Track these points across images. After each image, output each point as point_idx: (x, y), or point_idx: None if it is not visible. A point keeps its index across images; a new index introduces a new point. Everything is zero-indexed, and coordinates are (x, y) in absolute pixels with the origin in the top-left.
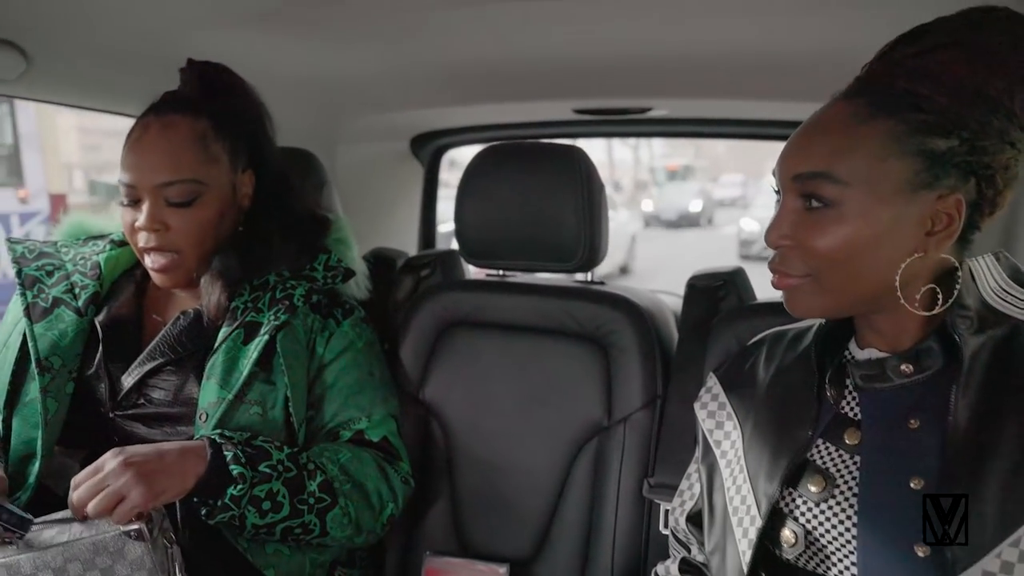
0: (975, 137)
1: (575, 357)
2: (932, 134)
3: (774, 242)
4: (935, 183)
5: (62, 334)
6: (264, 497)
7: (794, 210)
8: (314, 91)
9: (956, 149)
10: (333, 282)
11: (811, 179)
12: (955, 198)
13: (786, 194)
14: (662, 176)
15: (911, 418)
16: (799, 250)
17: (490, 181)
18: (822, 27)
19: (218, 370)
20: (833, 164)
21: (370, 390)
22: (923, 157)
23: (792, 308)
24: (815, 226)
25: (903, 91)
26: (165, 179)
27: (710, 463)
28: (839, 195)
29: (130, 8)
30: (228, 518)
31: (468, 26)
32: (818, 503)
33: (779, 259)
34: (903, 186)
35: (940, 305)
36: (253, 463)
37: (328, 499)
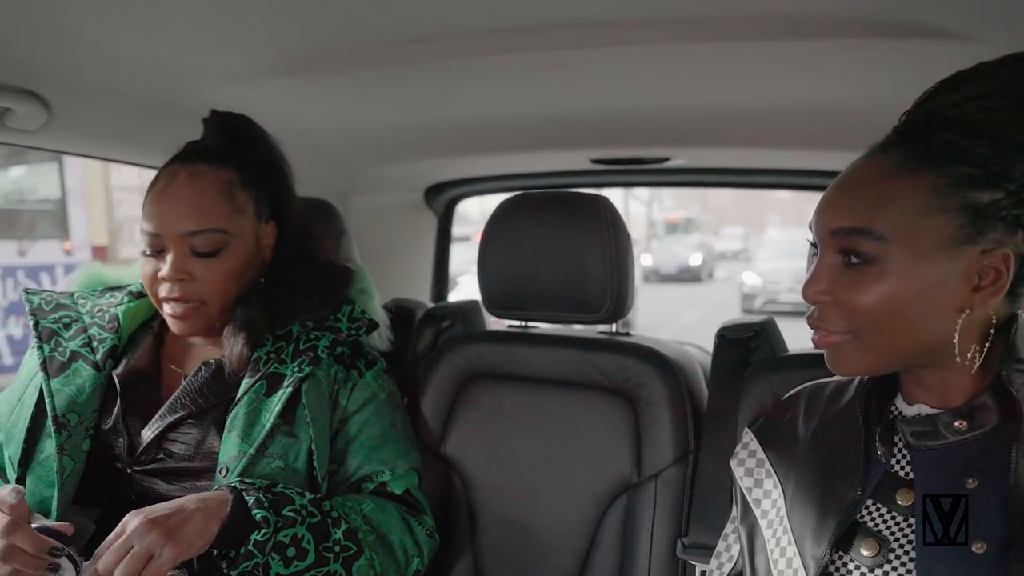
0: (1021, 189)
1: (602, 411)
2: (975, 187)
3: (812, 298)
4: (979, 237)
5: (79, 390)
6: (289, 543)
7: (832, 265)
8: (328, 142)
9: (1001, 202)
10: (357, 334)
11: (849, 235)
12: (1002, 252)
13: (824, 249)
14: (661, 229)
15: (968, 478)
16: (838, 307)
17: (514, 231)
18: (841, 78)
19: (240, 423)
20: (872, 219)
21: (392, 443)
22: (966, 211)
23: (835, 367)
24: (855, 283)
25: (943, 142)
26: (191, 228)
27: (750, 523)
28: (879, 251)
29: (151, 59)
30: (251, 567)
31: (483, 78)
32: (872, 568)
33: (818, 315)
34: (946, 242)
35: (989, 359)
36: (276, 508)
37: (354, 548)
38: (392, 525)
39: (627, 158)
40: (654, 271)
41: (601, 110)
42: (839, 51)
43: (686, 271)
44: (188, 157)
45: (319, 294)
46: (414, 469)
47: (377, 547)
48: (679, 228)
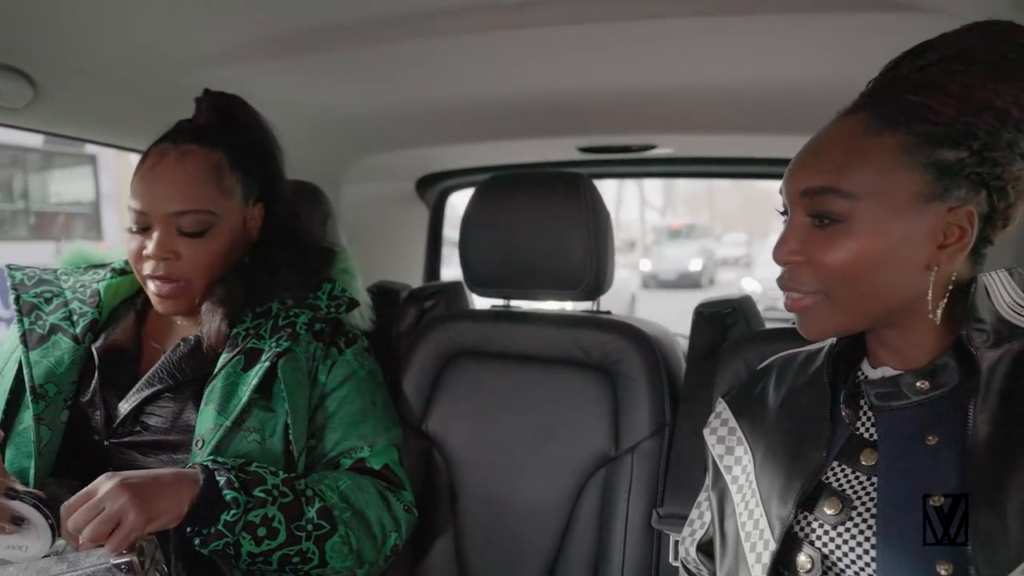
0: (985, 148)
1: (582, 386)
2: (941, 145)
3: (783, 258)
4: (946, 195)
5: (58, 361)
6: (259, 523)
7: (803, 226)
8: (317, 126)
9: (966, 160)
10: (337, 311)
11: (819, 194)
12: (966, 210)
13: (794, 210)
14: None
15: (929, 435)
16: (809, 266)
17: (495, 210)
18: (832, 59)
19: (216, 396)
20: (841, 178)
21: (372, 419)
22: (933, 169)
23: (806, 330)
24: (825, 242)
25: (909, 103)
26: (178, 208)
27: (721, 489)
28: (848, 209)
29: (141, 40)
30: (222, 545)
31: (472, 61)
32: (835, 526)
33: (788, 276)
34: (913, 199)
35: (952, 320)
36: (247, 488)
37: (327, 526)
38: (369, 501)
39: (614, 146)
40: (653, 277)
41: (586, 92)
42: (831, 26)
43: (686, 277)
44: (178, 137)
45: (300, 273)
46: (394, 445)
47: (353, 523)
48: (682, 234)
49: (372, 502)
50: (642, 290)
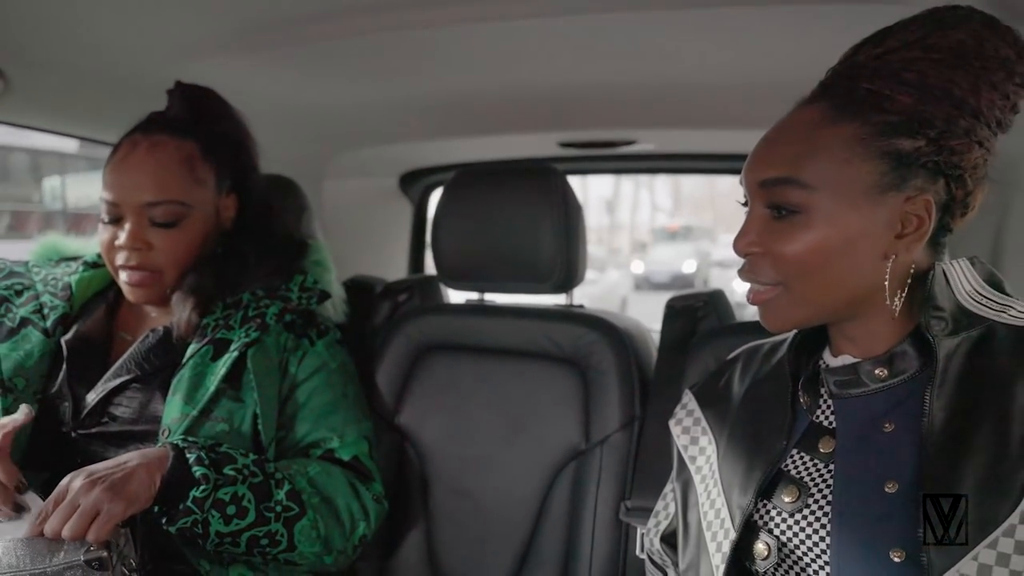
0: (941, 136)
1: (553, 380)
2: (897, 134)
3: (743, 249)
4: (903, 184)
5: (28, 355)
6: (229, 501)
7: (761, 217)
8: (297, 121)
9: (923, 149)
10: (308, 303)
11: (776, 185)
12: (924, 199)
13: (753, 201)
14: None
15: (886, 422)
16: (768, 258)
17: (466, 203)
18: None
19: (184, 385)
20: (798, 169)
21: (342, 411)
22: (889, 158)
23: (767, 321)
24: (783, 233)
25: (866, 92)
26: (150, 199)
27: (685, 480)
28: (806, 200)
29: (114, 32)
30: (191, 523)
31: (451, 55)
32: (792, 513)
33: (748, 267)
34: (870, 189)
35: (911, 308)
36: (217, 466)
37: (296, 508)
38: (338, 489)
39: (595, 141)
40: (645, 279)
41: (567, 86)
42: (812, 19)
43: (679, 279)
44: (150, 127)
45: (272, 264)
46: (364, 437)
47: (322, 509)
48: (679, 236)
49: (341, 489)
50: (634, 292)
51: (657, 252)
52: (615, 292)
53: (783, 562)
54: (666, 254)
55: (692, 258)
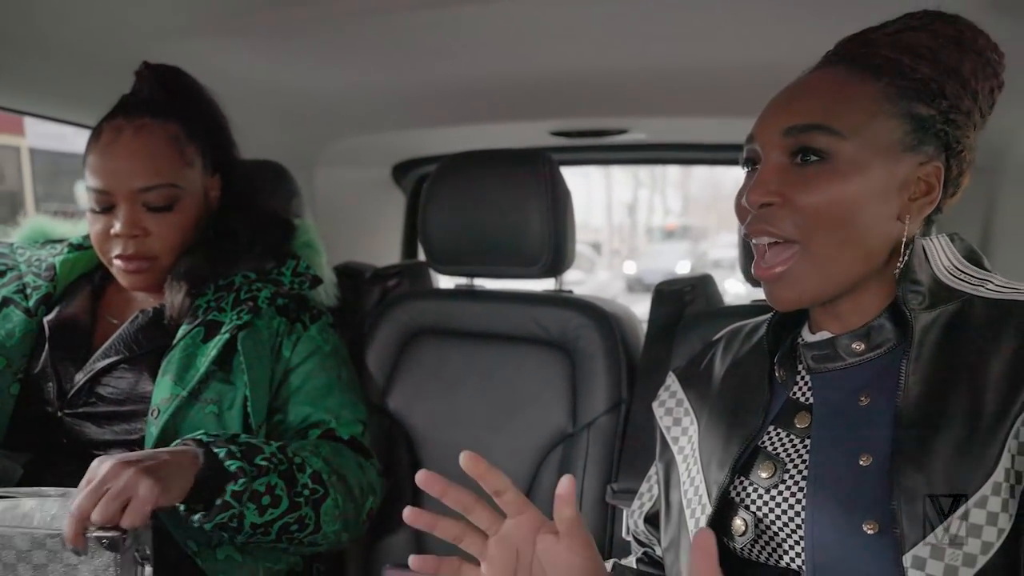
0: (950, 110)
1: (541, 364)
2: (918, 99)
3: (759, 199)
4: (918, 148)
5: (9, 334)
6: (264, 491)
7: (781, 167)
8: (287, 108)
9: (936, 118)
10: (300, 288)
11: (805, 132)
12: (934, 165)
13: (771, 152)
14: (659, 236)
15: (862, 395)
16: (787, 208)
17: (456, 188)
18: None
19: (174, 366)
20: (829, 116)
21: (338, 393)
22: (910, 120)
23: (780, 295)
24: (806, 181)
25: (886, 58)
26: (144, 184)
27: (667, 460)
28: (834, 147)
29: (102, 12)
30: (228, 518)
31: (443, 41)
32: (768, 489)
33: (763, 219)
34: (892, 145)
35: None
36: (248, 458)
37: (321, 490)
38: (348, 465)
39: (587, 130)
40: (638, 280)
41: (559, 73)
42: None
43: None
44: (130, 110)
45: (262, 243)
46: (359, 420)
47: (339, 487)
48: (676, 235)
49: (350, 466)
50: (627, 294)
51: (651, 252)
52: (604, 294)
53: (759, 538)
54: (657, 254)
55: (686, 258)
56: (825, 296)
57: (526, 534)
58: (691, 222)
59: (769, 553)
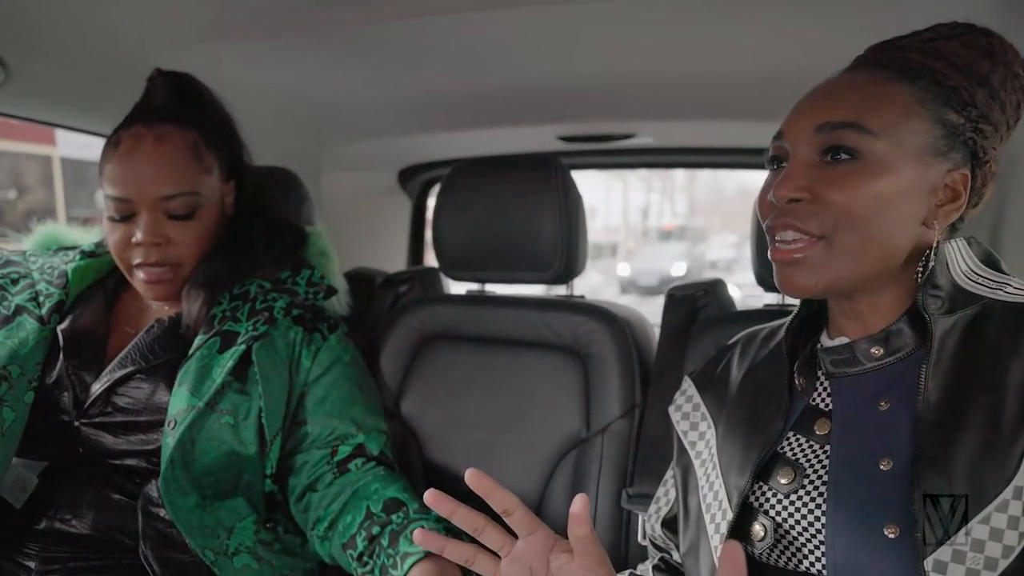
0: (980, 119)
1: (554, 369)
2: (949, 106)
3: (790, 192)
4: (948, 154)
5: (22, 342)
6: None
7: (811, 163)
8: (294, 113)
9: (965, 126)
10: (315, 298)
11: (838, 129)
12: (962, 173)
13: (800, 148)
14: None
15: (882, 400)
16: (816, 204)
17: (468, 193)
18: (818, 43)
19: (191, 377)
20: (863, 114)
21: (361, 404)
22: (941, 125)
23: (793, 280)
24: (836, 178)
25: (919, 64)
26: (167, 192)
27: (685, 465)
28: (868, 146)
29: (115, 20)
30: None
31: (451, 48)
32: (788, 495)
33: (789, 213)
34: (924, 149)
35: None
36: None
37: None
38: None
39: (594, 135)
40: (631, 282)
41: (566, 78)
42: (814, 8)
43: (668, 283)
44: (148, 118)
45: (277, 250)
46: (383, 431)
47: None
48: (673, 236)
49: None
50: (621, 296)
51: (646, 254)
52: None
53: (778, 543)
54: (652, 255)
55: (682, 260)
56: (837, 289)
57: (538, 553)
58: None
59: (788, 558)
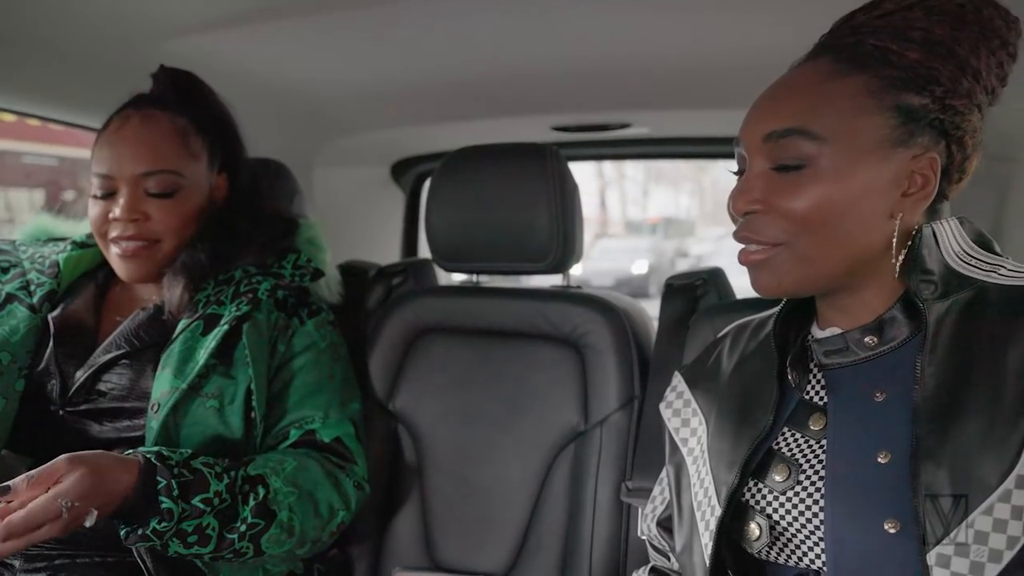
0: (946, 95)
1: (551, 361)
2: (906, 89)
3: (743, 207)
4: (910, 141)
5: (13, 330)
6: (191, 531)
7: (763, 173)
8: (288, 106)
9: (929, 107)
10: (301, 281)
11: (784, 137)
12: (930, 157)
13: (754, 158)
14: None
15: (877, 391)
16: (771, 215)
17: (461, 183)
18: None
19: (174, 360)
20: (808, 120)
21: (328, 392)
22: (898, 113)
23: (761, 283)
24: (789, 187)
25: (873, 47)
26: (146, 169)
27: (677, 463)
28: (815, 152)
29: (103, 11)
30: (147, 546)
31: (445, 39)
32: (784, 491)
33: (747, 227)
34: (879, 143)
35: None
36: (186, 494)
37: (262, 522)
38: (317, 481)
39: (589, 124)
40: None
41: (559, 67)
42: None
43: (626, 283)
44: (141, 103)
45: (263, 238)
46: (350, 419)
47: (297, 506)
48: (658, 229)
49: (320, 482)
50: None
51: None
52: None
53: (776, 541)
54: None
55: (643, 258)
56: (806, 290)
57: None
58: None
59: (788, 555)
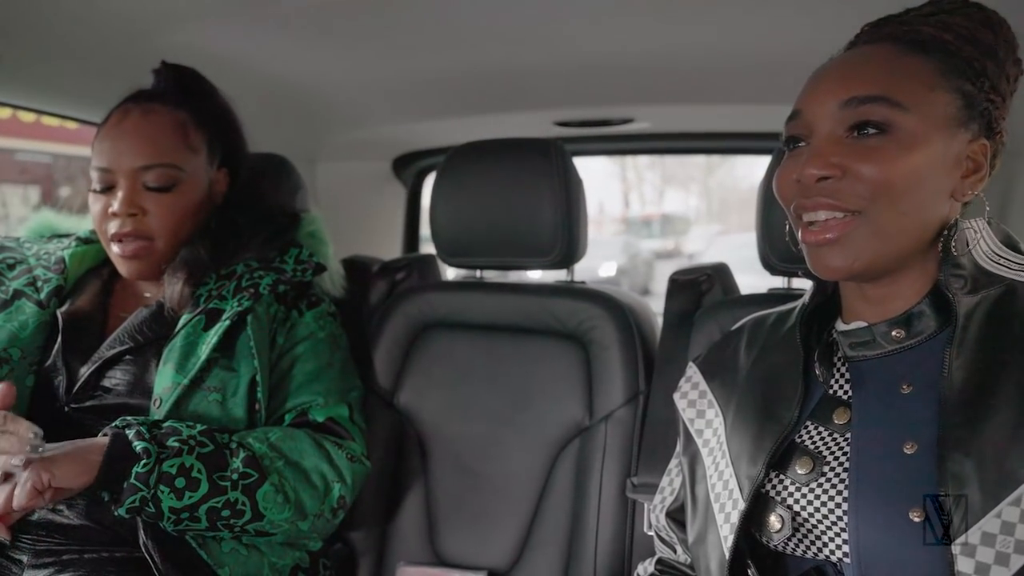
0: (991, 90)
1: (555, 356)
2: (964, 77)
3: (819, 171)
4: (969, 124)
5: (22, 325)
6: (176, 473)
7: (837, 139)
8: (290, 101)
9: (979, 96)
10: (302, 275)
11: (865, 103)
12: (981, 143)
13: (824, 124)
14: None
15: (904, 383)
16: (848, 180)
17: (465, 178)
18: (818, 24)
19: (175, 355)
20: (891, 87)
21: (326, 380)
22: (961, 95)
23: (832, 262)
24: (866, 153)
25: (931, 36)
26: (144, 163)
27: (692, 453)
28: (897, 120)
29: (106, 7)
30: (139, 501)
31: (447, 34)
32: (807, 483)
33: (822, 191)
34: (949, 120)
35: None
36: (159, 440)
37: (255, 474)
38: (303, 450)
39: (592, 119)
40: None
41: (562, 64)
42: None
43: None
44: (142, 97)
45: (264, 232)
46: (346, 402)
47: (287, 472)
48: (653, 227)
49: (307, 451)
50: None
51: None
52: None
53: (796, 532)
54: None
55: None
56: (877, 268)
57: None
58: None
59: (807, 547)
